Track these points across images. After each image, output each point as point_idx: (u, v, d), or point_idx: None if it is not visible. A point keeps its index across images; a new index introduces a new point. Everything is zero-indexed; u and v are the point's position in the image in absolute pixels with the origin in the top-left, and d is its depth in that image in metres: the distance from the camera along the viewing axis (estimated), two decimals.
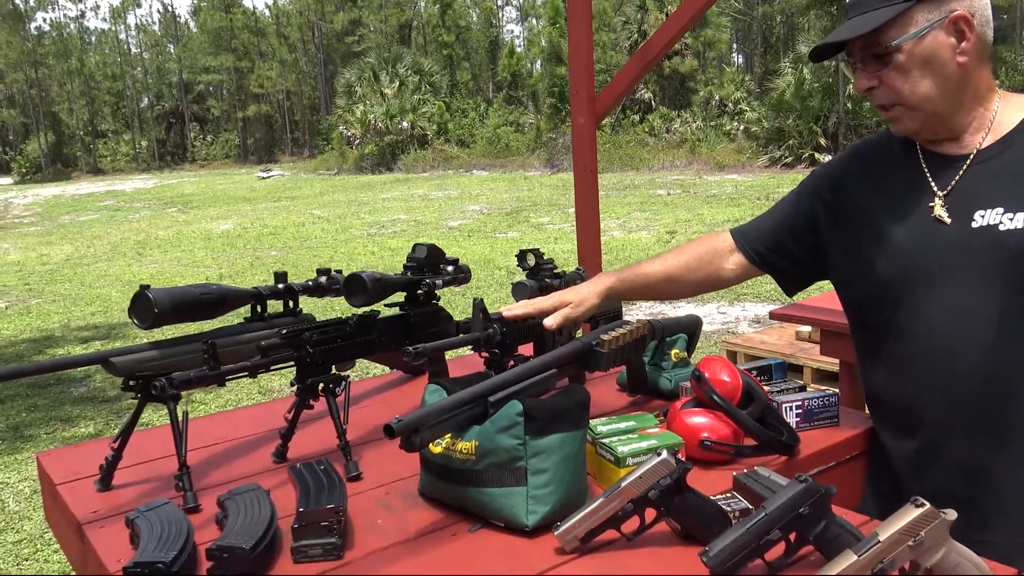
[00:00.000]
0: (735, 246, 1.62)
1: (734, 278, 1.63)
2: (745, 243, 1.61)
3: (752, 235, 1.61)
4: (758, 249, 1.59)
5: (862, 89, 1.37)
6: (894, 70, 1.34)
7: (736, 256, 1.62)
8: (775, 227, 1.59)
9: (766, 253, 1.59)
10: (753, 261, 1.60)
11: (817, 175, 1.58)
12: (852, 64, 1.40)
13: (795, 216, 1.57)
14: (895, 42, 1.31)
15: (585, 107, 2.93)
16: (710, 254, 1.63)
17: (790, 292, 1.67)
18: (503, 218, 14.64)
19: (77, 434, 4.84)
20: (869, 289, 1.47)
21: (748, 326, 6.24)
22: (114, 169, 47.45)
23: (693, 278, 1.63)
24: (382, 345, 1.59)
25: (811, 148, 21.01)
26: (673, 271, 1.62)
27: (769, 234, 1.59)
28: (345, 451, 1.43)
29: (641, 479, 1.14)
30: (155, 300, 1.34)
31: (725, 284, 1.65)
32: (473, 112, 34.26)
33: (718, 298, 7.14)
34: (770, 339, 4.72)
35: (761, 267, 1.60)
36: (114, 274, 11.01)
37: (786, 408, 1.53)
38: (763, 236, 1.60)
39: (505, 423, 1.21)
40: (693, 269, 1.62)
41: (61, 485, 1.47)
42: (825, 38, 1.40)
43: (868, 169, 1.50)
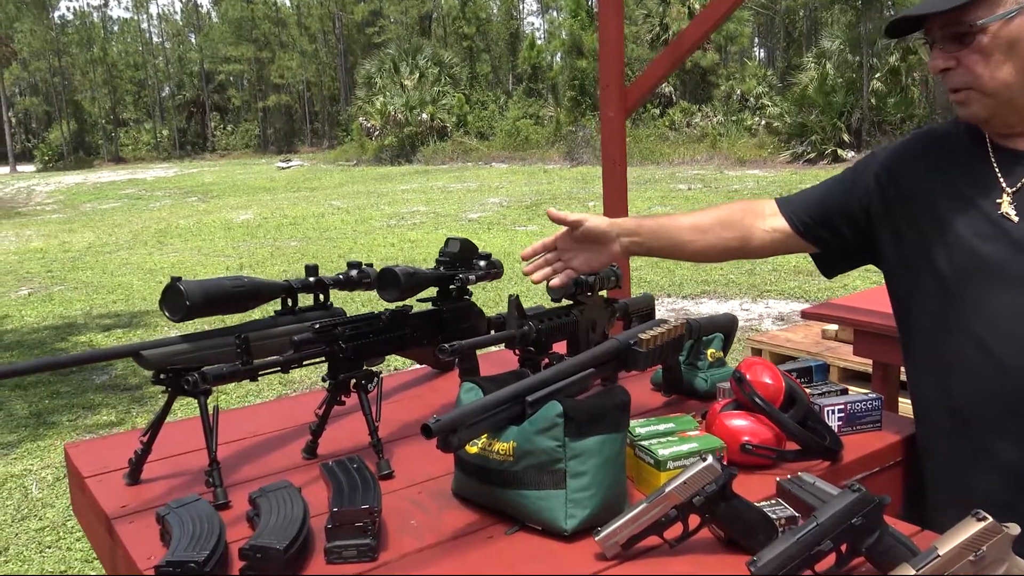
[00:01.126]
0: (777, 210, 1.54)
1: (768, 244, 1.54)
2: (789, 209, 1.53)
3: (798, 203, 1.54)
4: (803, 218, 1.52)
5: (937, 70, 1.31)
6: (975, 52, 1.26)
7: (776, 220, 1.53)
8: (824, 200, 1.52)
9: (811, 224, 1.52)
10: (797, 230, 1.52)
11: (875, 156, 1.52)
12: (928, 42, 1.34)
13: (847, 193, 1.51)
14: (980, 22, 1.24)
15: (615, 100, 2.89)
16: (745, 213, 1.55)
17: (829, 272, 1.60)
18: (522, 211, 14.59)
19: (99, 422, 4.86)
20: (923, 283, 1.42)
21: (772, 323, 6.18)
22: (135, 158, 47.76)
23: (723, 236, 1.53)
24: (414, 341, 1.56)
25: (834, 144, 20.83)
26: (702, 223, 1.53)
27: (817, 206, 1.52)
28: (377, 448, 1.41)
29: (686, 484, 1.11)
30: (187, 292, 1.32)
31: (757, 250, 1.56)
32: (493, 104, 34.19)
33: (741, 294, 7.08)
34: (796, 337, 4.66)
35: (803, 237, 1.53)
36: (135, 262, 11.07)
37: (828, 412, 1.49)
38: (810, 207, 1.53)
39: (544, 424, 1.18)
40: (725, 225, 1.54)
41: (90, 478, 1.46)
42: (905, 11, 1.32)
43: (931, 157, 1.44)
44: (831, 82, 22.33)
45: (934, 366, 1.43)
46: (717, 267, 8.33)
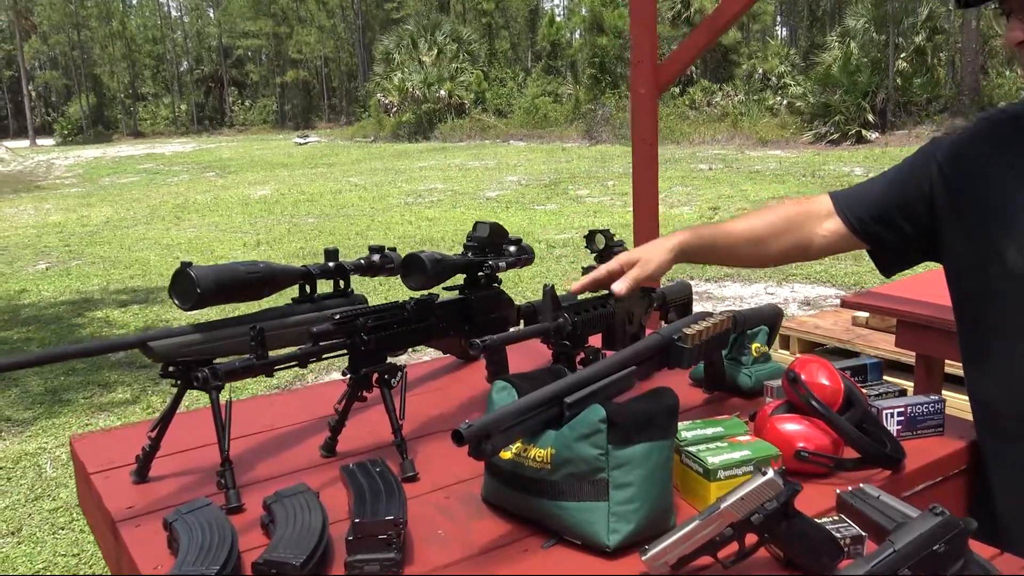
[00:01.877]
0: (833, 210, 1.43)
1: (826, 247, 1.45)
2: (846, 208, 1.42)
3: (855, 200, 1.43)
4: (860, 216, 1.41)
5: (1015, 42, 1.18)
6: None
7: (833, 222, 1.43)
8: (882, 195, 1.41)
9: (869, 222, 1.41)
10: (853, 229, 1.42)
11: (937, 144, 1.40)
12: (1005, 12, 1.21)
13: (907, 185, 1.39)
14: None
15: (647, 77, 2.76)
16: (802, 216, 1.44)
17: (888, 271, 1.49)
18: (541, 190, 14.45)
19: (115, 399, 4.81)
20: (992, 281, 1.30)
21: (798, 308, 6.04)
22: (154, 132, 47.81)
23: (780, 242, 1.44)
24: (440, 331, 1.46)
25: (858, 125, 20.48)
26: (758, 231, 1.44)
27: (875, 202, 1.41)
28: (401, 449, 1.31)
29: (743, 501, 1.00)
30: (198, 279, 1.22)
31: (816, 253, 1.47)
32: (511, 82, 33.90)
33: (766, 278, 6.94)
34: (825, 323, 4.53)
35: (861, 237, 1.42)
36: (153, 237, 11.03)
37: (887, 415, 1.38)
38: (868, 203, 1.41)
39: (585, 430, 1.08)
40: (781, 231, 1.44)
41: (95, 474, 1.37)
42: None
43: (1000, 144, 1.31)
44: (855, 61, 21.95)
45: (1003, 370, 1.32)
46: None
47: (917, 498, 1.29)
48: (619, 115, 25.37)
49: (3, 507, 3.54)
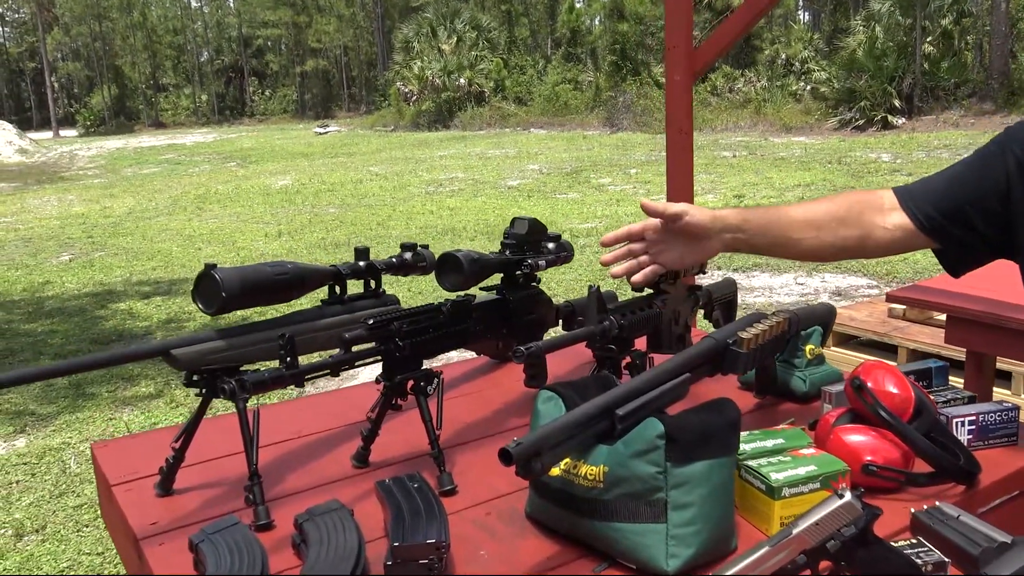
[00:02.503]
0: (897, 204, 1.32)
1: (888, 243, 1.33)
2: (912, 202, 1.31)
3: (921, 195, 1.32)
4: (927, 212, 1.30)
5: None
6: None
7: (897, 216, 1.32)
8: (951, 189, 1.30)
9: (937, 218, 1.30)
10: (920, 225, 1.30)
11: (1011, 133, 1.30)
12: None
13: (980, 179, 1.28)
14: None
15: (682, 63, 2.66)
16: (863, 205, 1.33)
17: (957, 271, 1.37)
18: (563, 178, 14.32)
19: (139, 393, 4.77)
20: None
21: (829, 299, 5.91)
22: (175, 123, 48.01)
23: (839, 233, 1.32)
24: (477, 334, 1.38)
25: (884, 110, 20.16)
26: (816, 218, 1.32)
27: (944, 197, 1.30)
28: (438, 461, 1.23)
29: (818, 526, 0.91)
30: (223, 282, 1.15)
31: (875, 249, 1.35)
32: (531, 69, 33.69)
33: (795, 268, 6.81)
34: (860, 315, 4.41)
35: (928, 234, 1.31)
36: (175, 228, 11.02)
37: (957, 424, 1.29)
38: (936, 198, 1.30)
39: (642, 446, 0.99)
40: (841, 221, 1.32)
41: (117, 486, 1.30)
42: None
43: None
44: (881, 46, 21.59)
45: None
46: None
47: (991, 515, 1.20)
48: (640, 102, 25.15)
49: (28, 504, 3.51)
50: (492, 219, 10.31)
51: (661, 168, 15.08)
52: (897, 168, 12.99)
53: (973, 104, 20.31)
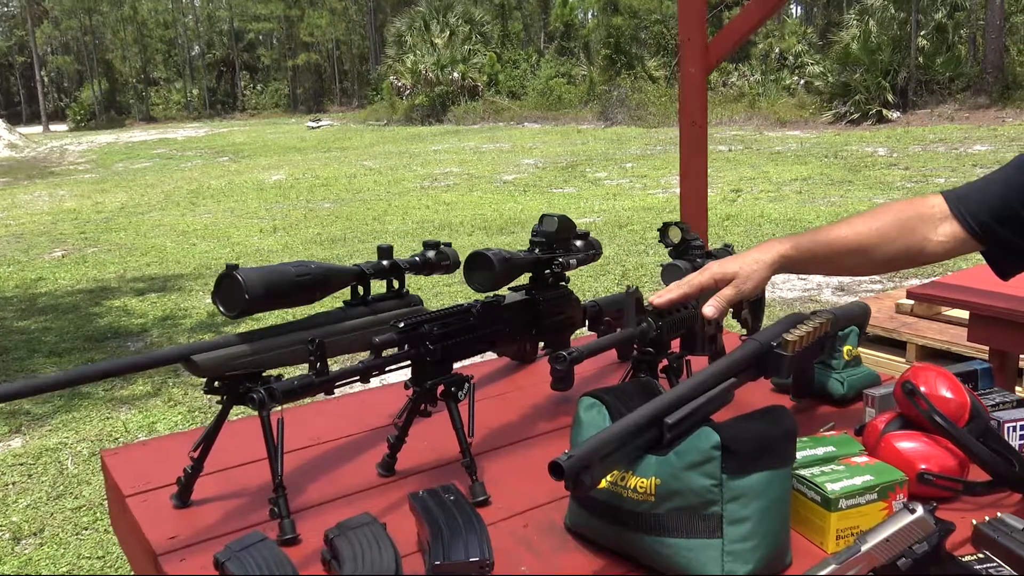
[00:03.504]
0: (949, 212, 1.27)
1: (942, 252, 1.28)
2: (964, 210, 1.26)
3: (973, 200, 1.27)
4: (981, 218, 1.25)
5: None
6: None
7: (949, 225, 1.27)
8: (1004, 193, 1.25)
9: (990, 224, 1.25)
10: (973, 232, 1.26)
11: None
12: None
13: None
14: None
15: (697, 56, 2.61)
16: (914, 220, 1.28)
17: (1007, 274, 1.32)
18: (558, 172, 14.27)
19: (135, 392, 4.70)
20: None
21: (832, 293, 5.87)
22: (166, 117, 47.71)
23: (890, 249, 1.28)
24: (507, 336, 1.32)
25: (879, 104, 20.15)
26: (867, 239, 1.27)
27: (996, 200, 1.25)
28: (470, 469, 1.18)
29: (888, 543, 0.86)
30: (245, 283, 1.09)
31: (929, 259, 1.30)
32: (524, 63, 33.59)
33: None
34: None
35: (981, 240, 1.26)
36: (168, 224, 10.93)
37: (1008, 428, 1.24)
38: (987, 202, 1.26)
39: (696, 457, 0.94)
40: (891, 238, 1.28)
41: (131, 497, 1.24)
42: None
43: None
44: (875, 39, 21.58)
45: None
46: (770, 233, 8.01)
47: None
48: (634, 96, 25.10)
49: (25, 506, 3.44)
50: (489, 214, 10.25)
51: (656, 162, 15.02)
52: (894, 162, 12.97)
53: (967, 98, 20.31)
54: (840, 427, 1.35)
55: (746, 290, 1.24)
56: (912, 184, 10.79)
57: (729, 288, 1.23)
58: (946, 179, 11.03)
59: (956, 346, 3.79)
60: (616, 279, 6.59)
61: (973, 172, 11.43)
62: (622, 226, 8.90)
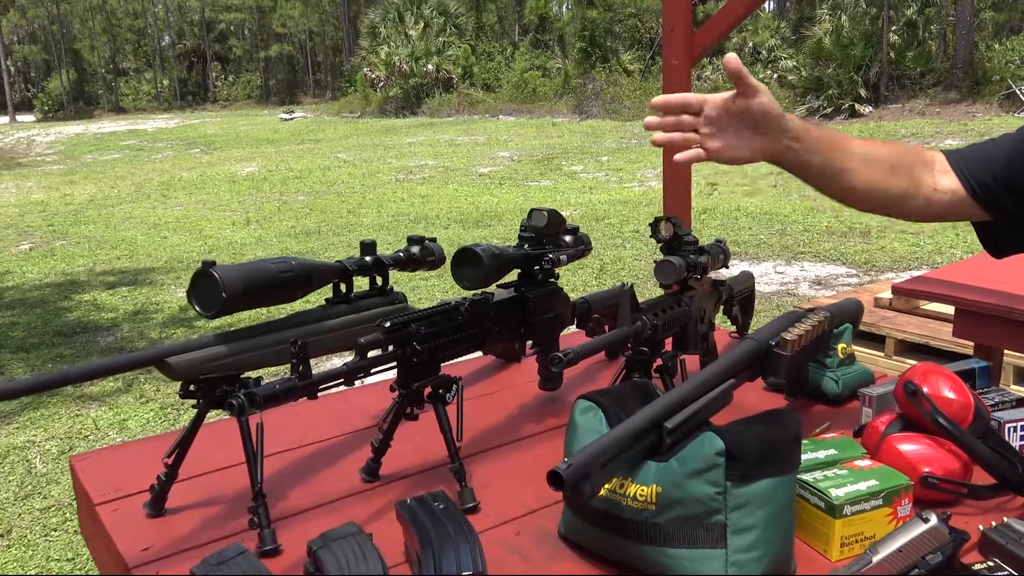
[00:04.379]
0: (948, 167, 1.21)
1: (936, 204, 1.20)
2: (964, 167, 1.20)
3: (974, 160, 1.20)
4: (982, 179, 1.18)
5: None
6: None
7: (948, 179, 1.20)
8: (1006, 158, 1.19)
9: (991, 186, 1.18)
10: (973, 192, 1.19)
11: None
12: None
13: None
14: None
15: (680, 47, 2.57)
16: (917, 160, 1.21)
17: (1002, 251, 1.26)
18: (534, 165, 14.22)
19: (105, 388, 4.60)
20: None
21: (808, 287, 5.88)
22: (136, 108, 47.02)
23: (890, 180, 1.19)
24: (496, 335, 1.27)
25: (851, 99, 20.30)
26: (873, 155, 1.18)
27: (999, 164, 1.18)
28: (459, 475, 1.13)
29: (901, 554, 0.83)
30: (223, 281, 1.03)
31: (918, 210, 1.21)
32: (499, 56, 33.46)
33: (774, 256, 6.77)
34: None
35: (979, 202, 1.19)
36: (139, 216, 10.75)
37: (1009, 429, 1.21)
38: (991, 165, 1.19)
39: (699, 464, 0.90)
40: (895, 167, 1.19)
41: (102, 505, 1.18)
42: None
43: None
44: (847, 34, 21.73)
45: None
46: (746, 227, 8.02)
47: None
48: (609, 90, 25.09)
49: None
50: (465, 207, 10.18)
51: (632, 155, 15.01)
52: None
53: (938, 93, 20.50)
54: (836, 427, 1.33)
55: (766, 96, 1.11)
56: None
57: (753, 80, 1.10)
58: None
59: (936, 340, 3.80)
60: (594, 272, 6.56)
61: None
62: (599, 219, 8.87)
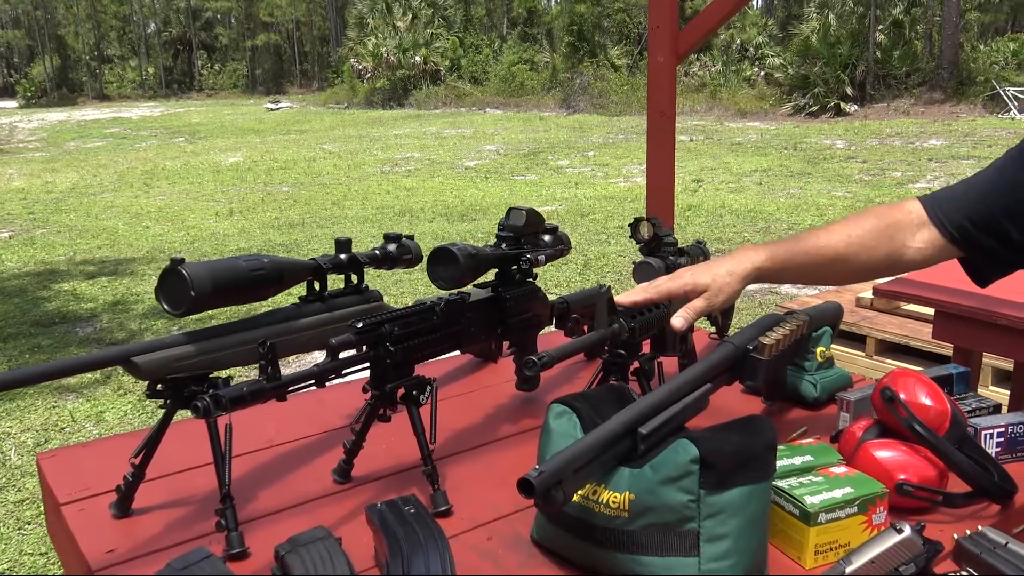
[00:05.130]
0: (927, 218, 1.23)
1: (920, 260, 1.25)
2: (942, 215, 1.22)
3: (951, 206, 1.23)
4: (959, 223, 1.21)
5: None
6: None
7: (927, 232, 1.23)
8: (984, 198, 1.21)
9: (969, 229, 1.21)
10: (952, 239, 1.22)
11: None
12: None
13: (1015, 186, 1.19)
14: None
15: (666, 44, 2.55)
16: (892, 228, 1.24)
17: (985, 281, 1.28)
18: (520, 159, 14.19)
19: (83, 380, 4.55)
20: None
21: (792, 286, 5.90)
22: (120, 96, 46.61)
23: (868, 258, 1.24)
24: (472, 335, 1.26)
25: (837, 97, 20.38)
26: (845, 249, 1.23)
27: (976, 206, 1.21)
28: (431, 478, 1.11)
29: (873, 564, 0.82)
30: (192, 279, 1.01)
31: (906, 268, 1.27)
32: (487, 48, 33.38)
33: None
34: None
35: (960, 247, 1.23)
36: (121, 205, 10.65)
37: (985, 436, 1.21)
38: (967, 208, 1.22)
39: (673, 472, 0.89)
40: (869, 247, 1.23)
41: (67, 505, 1.16)
42: None
43: None
44: (834, 33, 21.81)
45: None
46: (730, 224, 8.03)
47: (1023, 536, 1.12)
48: (597, 84, 25.09)
49: None
50: (450, 200, 10.15)
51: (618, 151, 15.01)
52: (852, 155, 13.11)
53: (923, 93, 20.62)
54: (813, 432, 1.32)
55: (717, 303, 1.19)
56: (869, 177, 10.91)
57: (700, 300, 1.18)
58: (902, 173, 11.18)
59: (916, 341, 3.81)
60: (578, 268, 6.55)
61: (928, 166, 11.60)
62: (584, 215, 8.87)
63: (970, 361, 2.37)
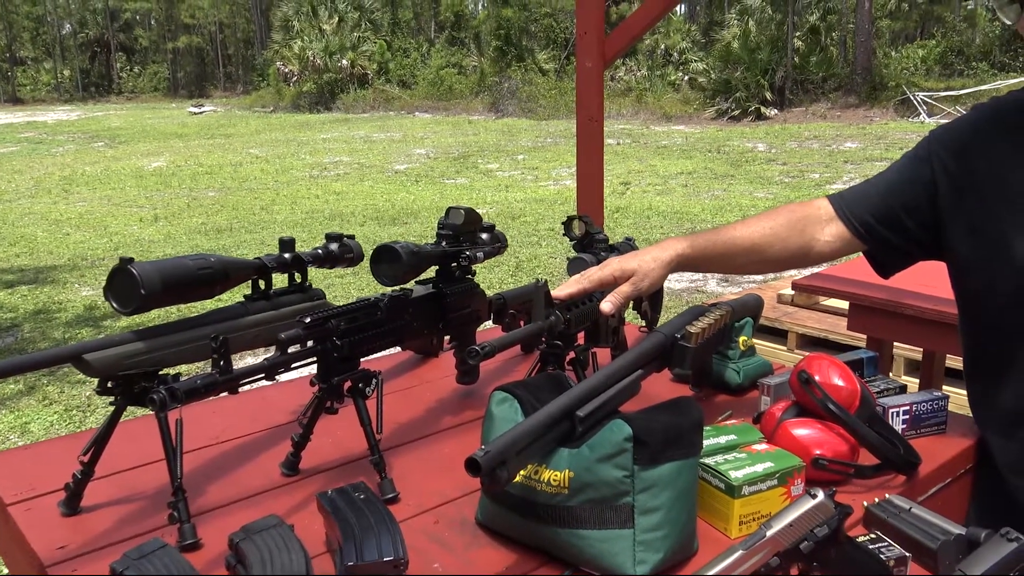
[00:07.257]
0: (834, 214, 1.37)
1: (829, 252, 1.38)
2: (848, 211, 1.35)
3: (856, 203, 1.36)
4: (864, 219, 1.34)
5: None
6: None
7: (835, 226, 1.36)
8: (884, 195, 1.34)
9: (873, 225, 1.34)
10: (857, 233, 1.35)
11: (937, 137, 1.33)
12: None
13: (911, 184, 1.32)
14: None
15: (593, 49, 2.63)
16: (803, 221, 1.37)
17: (887, 273, 1.41)
18: (450, 163, 14.23)
19: (5, 391, 4.43)
20: (997, 277, 1.24)
21: (716, 284, 6.08)
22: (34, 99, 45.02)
23: (782, 249, 1.36)
24: (414, 330, 1.30)
25: (758, 102, 20.96)
26: (760, 239, 1.35)
27: (877, 203, 1.34)
28: (379, 466, 1.16)
29: (792, 527, 0.90)
30: (141, 278, 1.04)
31: (817, 259, 1.40)
32: (415, 52, 33.31)
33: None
34: None
35: (864, 241, 1.36)
36: (39, 212, 10.33)
37: (892, 414, 1.31)
38: (870, 205, 1.35)
39: (609, 450, 0.95)
40: (782, 238, 1.36)
41: (14, 505, 1.17)
42: None
43: (1005, 133, 1.25)
44: (754, 39, 22.42)
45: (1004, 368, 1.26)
46: (657, 225, 8.22)
47: (929, 503, 1.22)
48: (525, 89, 25.27)
49: None
50: (381, 204, 10.13)
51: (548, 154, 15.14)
52: (772, 158, 13.51)
53: (839, 97, 21.35)
54: (737, 415, 1.40)
55: (643, 287, 1.28)
56: (789, 179, 11.27)
57: (627, 285, 1.27)
58: (820, 174, 11.57)
59: (834, 334, 3.99)
60: (510, 270, 6.63)
61: (844, 168, 12.04)
62: (515, 218, 8.96)
63: (881, 350, 2.51)
